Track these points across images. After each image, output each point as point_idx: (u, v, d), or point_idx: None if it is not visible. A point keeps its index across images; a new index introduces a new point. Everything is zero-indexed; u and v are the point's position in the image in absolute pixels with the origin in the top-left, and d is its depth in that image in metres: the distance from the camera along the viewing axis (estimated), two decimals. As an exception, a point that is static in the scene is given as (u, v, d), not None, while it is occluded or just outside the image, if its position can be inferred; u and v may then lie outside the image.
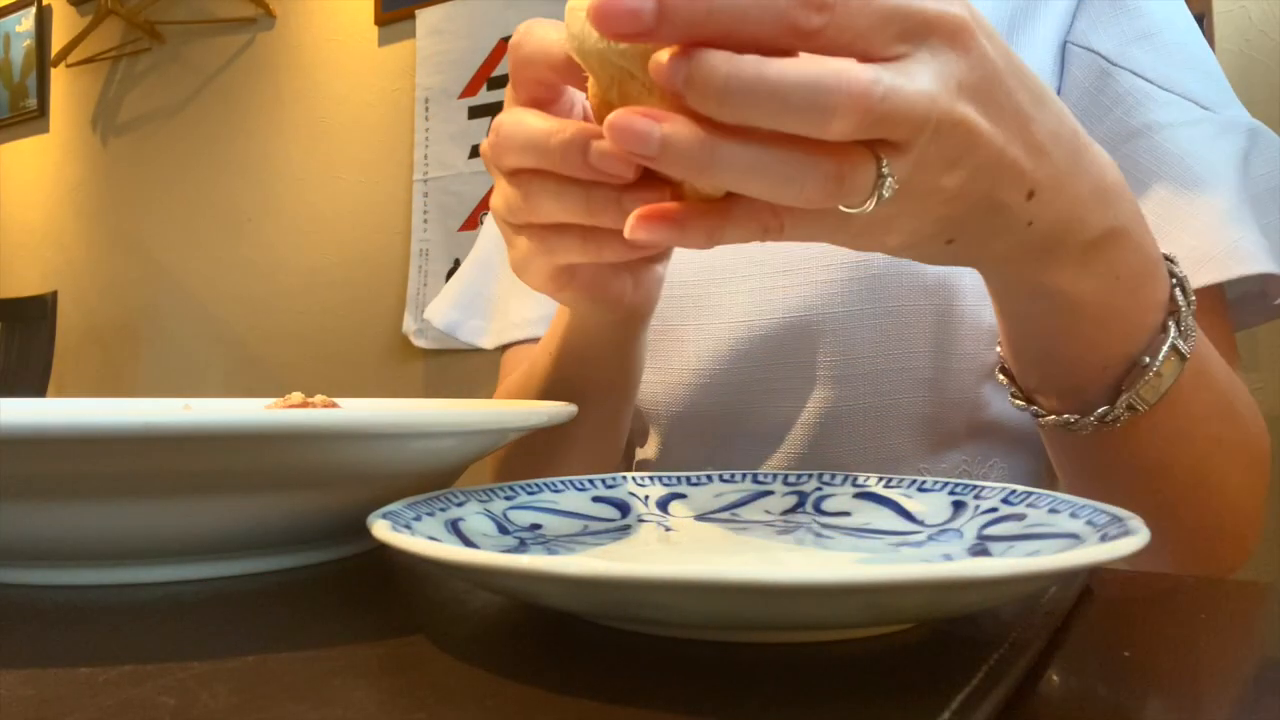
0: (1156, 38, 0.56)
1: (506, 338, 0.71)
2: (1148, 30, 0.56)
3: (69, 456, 0.26)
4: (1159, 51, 0.56)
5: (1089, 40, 0.58)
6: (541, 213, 0.34)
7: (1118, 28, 0.57)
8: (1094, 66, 0.57)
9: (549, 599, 0.23)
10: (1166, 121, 0.54)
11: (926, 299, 0.55)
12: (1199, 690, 0.22)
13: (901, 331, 0.56)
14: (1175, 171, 0.53)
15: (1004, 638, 0.23)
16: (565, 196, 0.33)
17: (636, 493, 0.38)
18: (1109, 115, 0.56)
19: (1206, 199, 0.52)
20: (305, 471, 0.30)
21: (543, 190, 0.34)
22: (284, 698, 0.20)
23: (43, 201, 2.92)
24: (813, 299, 0.57)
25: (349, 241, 2.24)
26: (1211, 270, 0.50)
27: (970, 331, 0.56)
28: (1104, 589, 0.31)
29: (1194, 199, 0.52)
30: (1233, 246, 0.50)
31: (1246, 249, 0.50)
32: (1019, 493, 0.32)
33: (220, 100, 2.53)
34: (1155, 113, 0.54)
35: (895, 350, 0.56)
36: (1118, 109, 0.56)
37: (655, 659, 0.23)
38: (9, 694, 0.20)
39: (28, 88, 2.92)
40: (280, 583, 0.32)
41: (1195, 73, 0.56)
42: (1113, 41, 0.57)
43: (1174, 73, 0.55)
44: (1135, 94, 0.55)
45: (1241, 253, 0.50)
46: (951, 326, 0.55)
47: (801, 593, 0.19)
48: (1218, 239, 0.51)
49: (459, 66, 2.05)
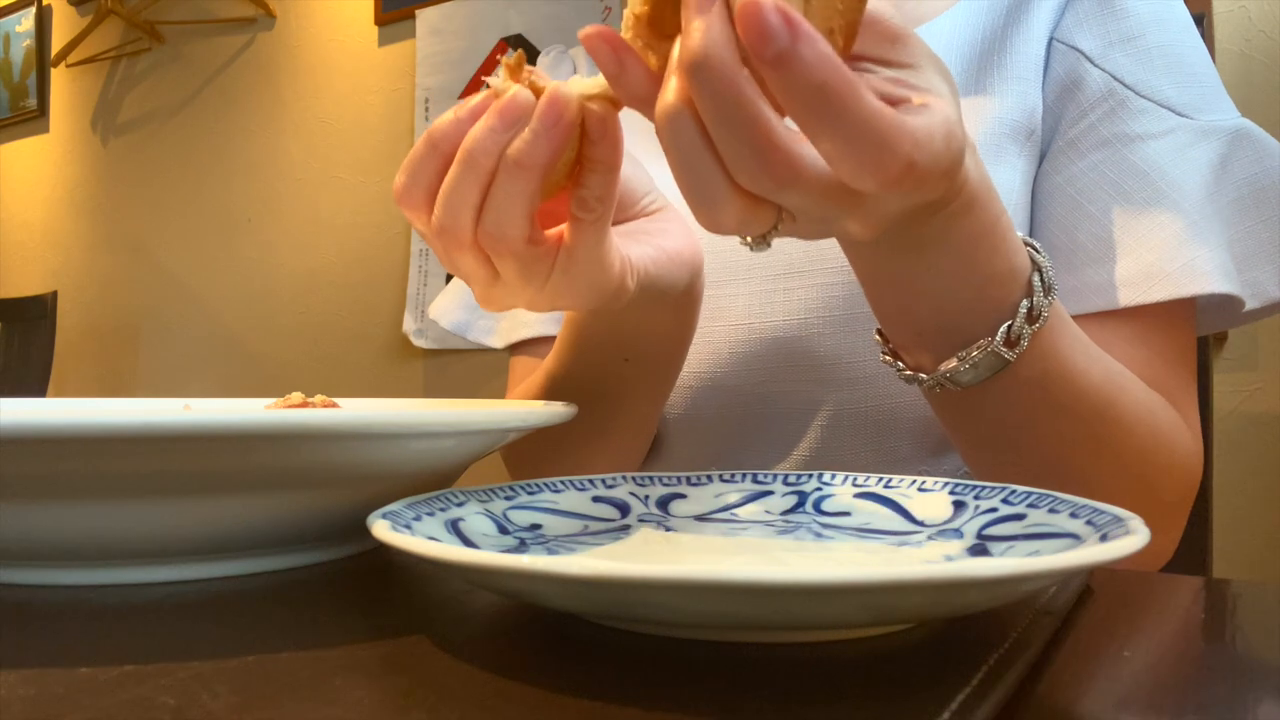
0: (1139, 40, 0.56)
1: (516, 335, 0.71)
2: (1131, 32, 0.56)
3: (69, 456, 0.26)
4: (1140, 55, 0.56)
5: (1073, 38, 0.58)
6: (463, 215, 0.36)
7: (1102, 28, 0.57)
8: (1075, 65, 0.57)
9: (549, 599, 0.23)
10: (1138, 133, 0.54)
11: None
12: (1199, 690, 0.22)
13: None
14: (1140, 187, 0.54)
15: (1004, 638, 0.23)
16: (464, 187, 0.35)
17: (636, 493, 0.38)
18: (1083, 119, 0.56)
19: (1168, 215, 0.52)
20: (305, 471, 0.30)
21: (454, 194, 0.36)
22: (284, 698, 0.20)
23: (43, 201, 2.92)
24: (814, 302, 0.57)
25: (349, 241, 2.24)
26: (1166, 287, 0.51)
27: None
28: (1104, 589, 0.31)
29: (1156, 215, 0.53)
30: (1188, 264, 0.51)
31: (1201, 268, 0.51)
32: (1019, 493, 0.32)
33: (220, 100, 2.53)
34: (1128, 122, 0.55)
35: None
36: (1093, 113, 0.56)
37: (655, 659, 0.23)
38: (9, 694, 0.20)
39: (28, 88, 2.91)
40: (280, 583, 0.32)
41: (1177, 76, 0.55)
42: (1096, 41, 0.57)
43: (1153, 78, 0.55)
44: (1111, 98, 0.55)
45: (1195, 271, 0.51)
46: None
47: (801, 593, 0.19)
48: (1174, 256, 0.51)
49: (459, 66, 2.05)
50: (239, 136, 2.48)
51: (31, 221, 2.95)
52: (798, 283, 0.58)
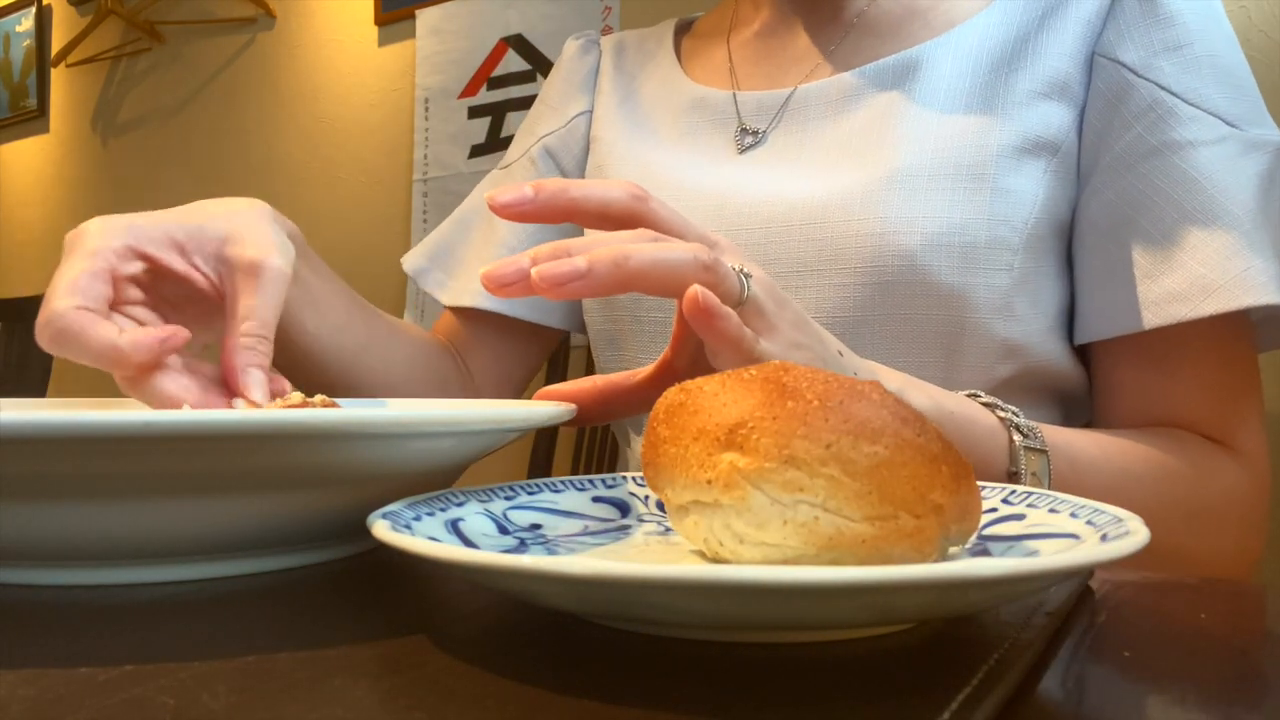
0: (1186, 50, 0.55)
1: (461, 300, 0.74)
2: (1177, 41, 0.55)
3: (69, 456, 0.26)
4: (1187, 64, 0.55)
5: (1115, 52, 0.57)
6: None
7: (1146, 38, 0.56)
8: (1118, 79, 0.56)
9: (549, 599, 0.23)
10: (1187, 140, 0.53)
11: (939, 308, 0.55)
12: (1199, 690, 0.22)
13: (912, 339, 0.56)
14: (1190, 195, 0.52)
15: (1004, 638, 0.23)
16: None
17: (636, 493, 0.38)
18: (1129, 131, 0.55)
19: (1220, 225, 0.51)
20: (305, 471, 0.30)
21: None
22: (284, 698, 0.20)
23: (43, 201, 2.92)
24: (825, 302, 0.57)
25: (349, 241, 2.24)
26: (1218, 299, 0.50)
27: (980, 343, 0.55)
28: (1104, 589, 0.31)
29: (1206, 225, 0.51)
30: (1241, 275, 0.50)
31: (1255, 278, 0.50)
32: (1019, 493, 0.32)
33: (220, 100, 2.53)
34: (1176, 130, 0.53)
35: (905, 357, 0.56)
36: (1139, 124, 0.55)
37: (655, 659, 0.23)
38: (9, 694, 0.20)
39: (28, 88, 2.91)
40: (280, 583, 0.32)
41: (1224, 86, 0.54)
42: (1139, 52, 0.56)
43: (1201, 86, 0.54)
44: (1158, 108, 0.54)
45: (1249, 282, 0.49)
46: (962, 337, 0.55)
47: (801, 593, 0.19)
48: (1227, 267, 0.50)
49: (459, 66, 2.05)
50: (239, 136, 2.48)
51: (31, 221, 2.95)
52: (810, 282, 0.58)
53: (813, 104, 0.64)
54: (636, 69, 0.77)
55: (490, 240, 0.76)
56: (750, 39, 0.72)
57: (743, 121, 0.67)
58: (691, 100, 0.70)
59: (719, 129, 0.68)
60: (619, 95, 0.75)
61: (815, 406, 0.25)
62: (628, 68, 0.77)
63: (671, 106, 0.72)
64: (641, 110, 0.73)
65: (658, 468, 0.28)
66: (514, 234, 0.75)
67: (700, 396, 0.27)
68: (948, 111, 0.58)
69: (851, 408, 0.25)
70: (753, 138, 0.66)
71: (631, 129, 0.72)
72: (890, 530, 0.24)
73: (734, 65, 0.72)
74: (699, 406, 0.27)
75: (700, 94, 0.70)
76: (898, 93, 0.61)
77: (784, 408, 0.25)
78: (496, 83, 1.98)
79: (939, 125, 0.58)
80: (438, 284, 0.77)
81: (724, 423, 0.26)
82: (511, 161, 0.80)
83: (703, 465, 0.26)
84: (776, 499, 0.25)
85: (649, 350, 0.64)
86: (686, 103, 0.71)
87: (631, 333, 0.65)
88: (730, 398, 0.26)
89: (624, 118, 0.73)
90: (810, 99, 0.65)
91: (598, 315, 0.69)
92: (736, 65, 0.71)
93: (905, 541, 0.25)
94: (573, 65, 0.79)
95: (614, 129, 0.73)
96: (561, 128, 0.77)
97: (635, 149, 0.70)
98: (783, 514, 0.24)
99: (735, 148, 0.67)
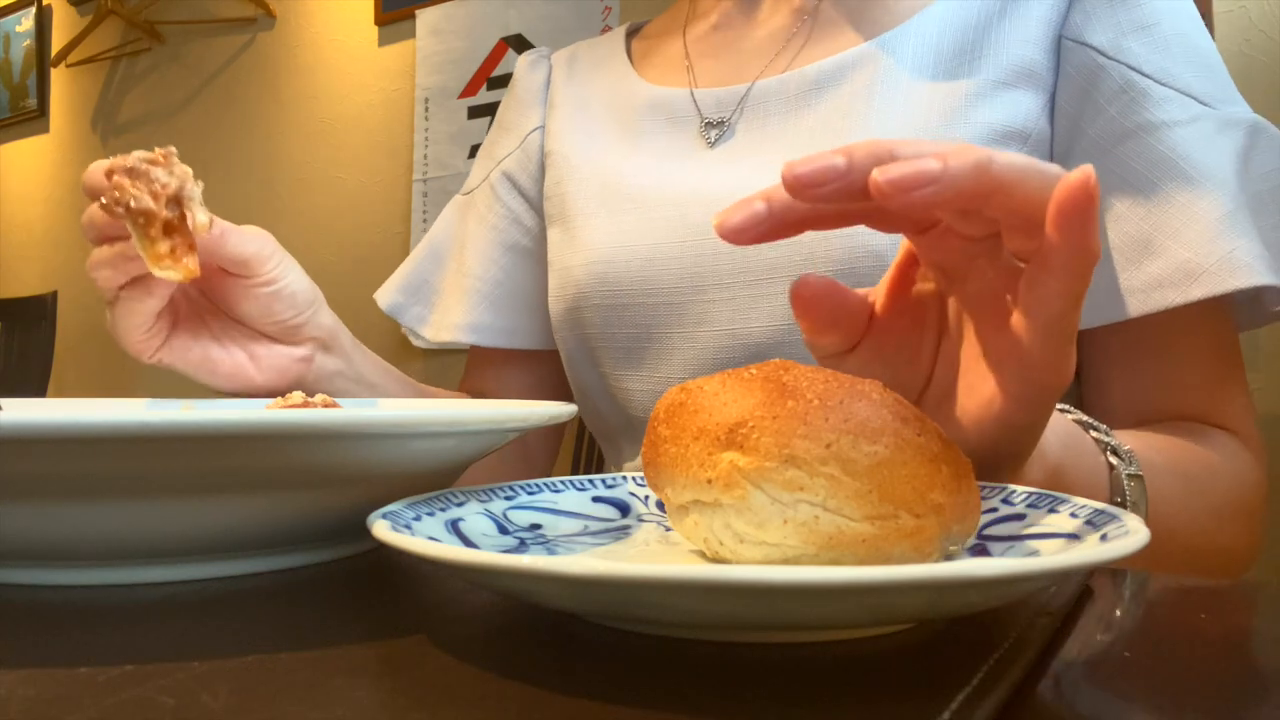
0: (1154, 29, 0.54)
1: (445, 336, 0.74)
2: (1145, 21, 0.55)
3: (69, 456, 0.26)
4: (1156, 43, 0.54)
5: (1083, 34, 0.56)
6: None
7: (1113, 19, 0.55)
8: (1088, 62, 0.55)
9: (549, 599, 0.23)
10: (1161, 120, 0.52)
11: None
12: (1199, 690, 0.22)
13: None
14: (1169, 176, 0.51)
15: (1004, 638, 0.23)
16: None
17: (636, 493, 0.38)
18: (1102, 114, 0.54)
19: (1201, 205, 0.50)
20: (305, 471, 0.30)
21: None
22: (284, 698, 0.20)
23: (43, 201, 2.92)
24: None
25: (349, 241, 2.24)
26: (1206, 283, 0.49)
27: None
28: (1104, 589, 0.31)
29: (1188, 206, 0.51)
30: (1227, 257, 0.49)
31: (1241, 259, 0.49)
32: (1019, 493, 0.32)
33: (220, 100, 2.53)
34: (1150, 111, 0.53)
35: None
36: (1112, 107, 0.54)
37: (655, 659, 0.23)
38: (9, 694, 0.20)
39: (28, 88, 2.91)
40: (280, 583, 0.32)
41: (1195, 66, 0.54)
42: (1108, 34, 0.55)
43: (1172, 66, 0.53)
44: (1130, 90, 0.53)
45: (1235, 263, 0.49)
46: None
47: (801, 593, 0.19)
48: (1211, 250, 0.49)
49: (459, 66, 2.05)
50: (239, 136, 2.48)
51: (31, 221, 2.95)
52: (780, 287, 0.57)
53: (772, 99, 0.63)
54: (589, 78, 0.75)
55: (461, 270, 0.76)
56: (707, 33, 0.71)
57: (704, 116, 0.66)
58: (648, 101, 0.69)
59: (680, 127, 0.67)
60: (571, 106, 0.74)
61: (815, 406, 0.25)
62: (580, 77, 0.76)
63: (627, 110, 0.70)
64: (597, 119, 0.72)
65: (658, 467, 0.28)
66: (481, 264, 0.75)
67: (700, 396, 0.27)
68: (911, 104, 0.57)
69: (852, 407, 0.25)
70: (718, 130, 0.64)
71: (587, 140, 0.71)
72: (890, 530, 0.24)
73: (691, 61, 0.70)
74: (699, 406, 0.27)
75: (656, 94, 0.69)
76: (859, 86, 0.59)
77: (784, 407, 0.25)
78: (496, 83, 1.98)
79: (904, 118, 0.57)
80: (418, 319, 0.77)
81: (724, 422, 0.26)
82: (473, 188, 0.79)
83: (703, 464, 0.26)
84: (776, 498, 0.25)
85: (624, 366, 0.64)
86: (642, 104, 0.69)
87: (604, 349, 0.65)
88: (730, 397, 0.26)
89: (578, 128, 0.72)
90: (770, 94, 0.63)
91: (568, 335, 0.67)
92: (694, 61, 0.70)
93: (905, 541, 0.25)
94: (524, 83, 0.78)
95: (567, 141, 0.71)
96: (517, 148, 0.76)
97: (595, 158, 0.69)
98: (783, 513, 0.25)
99: (703, 142, 0.65)
